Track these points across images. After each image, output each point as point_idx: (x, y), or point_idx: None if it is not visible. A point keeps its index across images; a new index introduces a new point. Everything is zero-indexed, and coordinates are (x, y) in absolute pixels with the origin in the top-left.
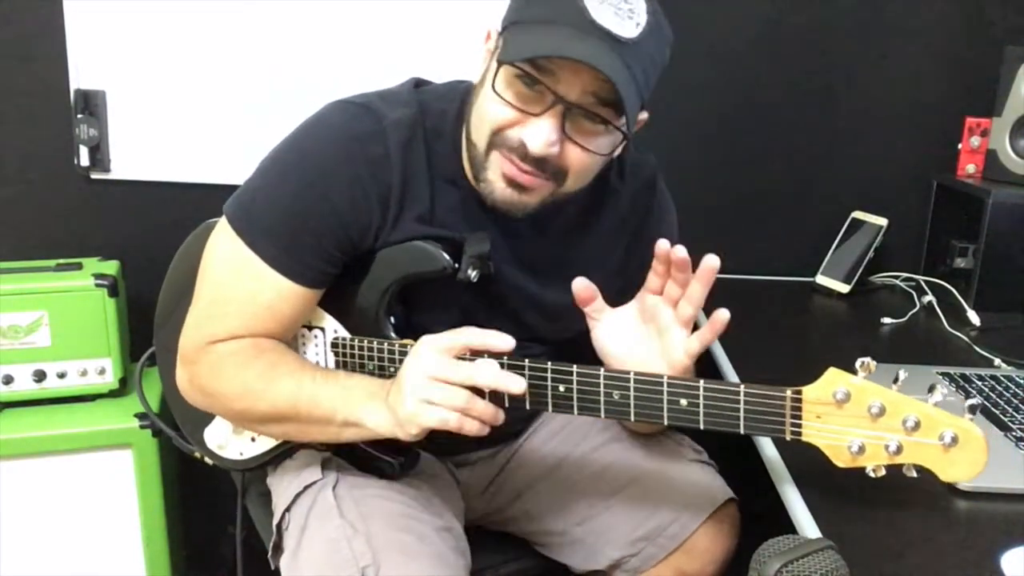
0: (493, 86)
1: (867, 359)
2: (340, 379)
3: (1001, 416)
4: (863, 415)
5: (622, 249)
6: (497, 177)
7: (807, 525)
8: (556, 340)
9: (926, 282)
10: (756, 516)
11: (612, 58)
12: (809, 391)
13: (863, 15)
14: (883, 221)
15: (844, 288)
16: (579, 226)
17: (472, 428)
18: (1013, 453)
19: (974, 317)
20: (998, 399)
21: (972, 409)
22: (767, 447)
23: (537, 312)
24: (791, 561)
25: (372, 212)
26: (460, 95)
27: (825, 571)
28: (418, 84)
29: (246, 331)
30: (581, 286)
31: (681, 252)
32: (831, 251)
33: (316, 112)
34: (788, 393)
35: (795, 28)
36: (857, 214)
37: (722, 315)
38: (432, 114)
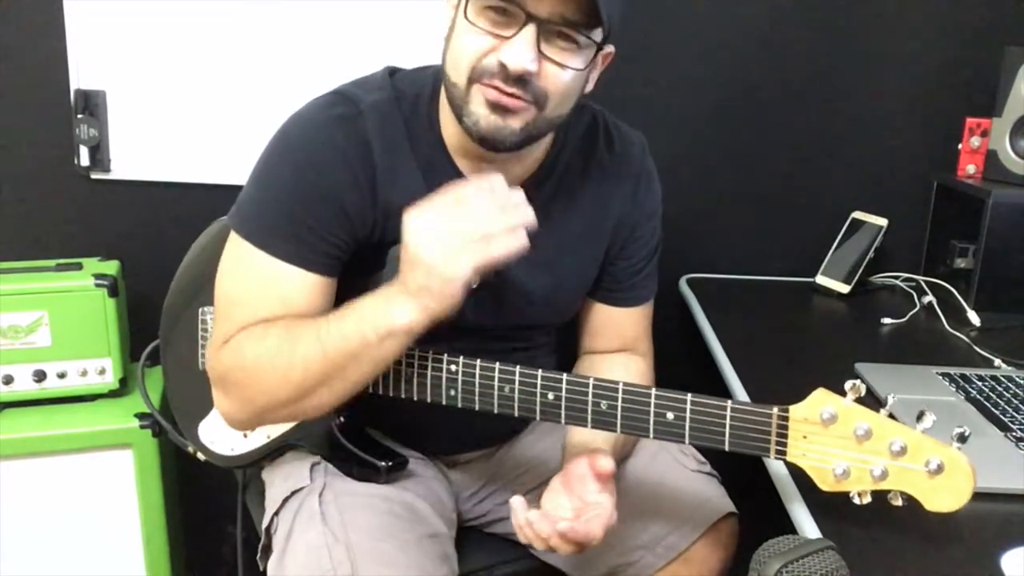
0: (466, 15)
1: (856, 382)
2: (354, 305)
3: (1001, 416)
4: (849, 436)
5: (612, 221)
6: (480, 105)
7: (807, 525)
8: (555, 325)
9: (926, 282)
10: (758, 521)
11: None
12: (796, 410)
13: (863, 14)
14: (883, 221)
15: (844, 288)
16: (566, 202)
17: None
18: (1013, 453)
19: (974, 317)
20: (998, 399)
21: (961, 438)
22: None
23: (532, 301)
24: (791, 561)
25: (363, 193)
26: (431, 77)
27: (825, 571)
28: (393, 72)
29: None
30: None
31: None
32: (831, 251)
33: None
34: (775, 411)
35: (795, 27)
36: (857, 214)
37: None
38: (407, 98)
